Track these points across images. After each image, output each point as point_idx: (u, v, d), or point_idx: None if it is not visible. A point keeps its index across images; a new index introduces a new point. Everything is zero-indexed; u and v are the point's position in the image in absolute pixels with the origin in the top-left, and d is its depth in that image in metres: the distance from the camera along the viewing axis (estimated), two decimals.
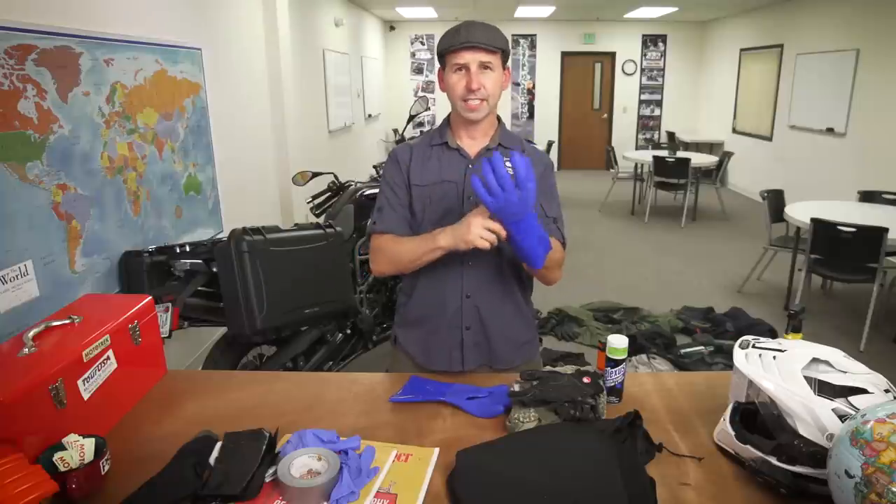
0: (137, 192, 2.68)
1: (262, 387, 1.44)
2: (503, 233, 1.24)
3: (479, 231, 1.23)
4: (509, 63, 1.44)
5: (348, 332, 2.89)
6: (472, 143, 1.47)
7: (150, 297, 1.45)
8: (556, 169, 1.47)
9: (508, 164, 1.50)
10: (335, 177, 3.49)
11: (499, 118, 1.51)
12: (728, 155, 7.59)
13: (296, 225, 2.44)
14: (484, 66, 1.36)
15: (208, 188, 3.34)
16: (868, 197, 4.82)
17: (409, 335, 1.57)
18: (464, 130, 1.46)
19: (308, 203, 3.57)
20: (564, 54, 10.41)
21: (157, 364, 1.48)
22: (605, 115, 10.69)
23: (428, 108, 3.66)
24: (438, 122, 1.56)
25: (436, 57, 1.45)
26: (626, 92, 10.52)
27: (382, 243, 1.45)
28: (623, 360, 1.31)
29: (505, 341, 1.52)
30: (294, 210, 4.62)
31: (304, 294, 2.21)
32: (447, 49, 1.36)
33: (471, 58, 1.34)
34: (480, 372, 1.51)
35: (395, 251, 1.42)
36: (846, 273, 3.88)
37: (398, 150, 1.52)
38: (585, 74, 10.55)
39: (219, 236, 3.34)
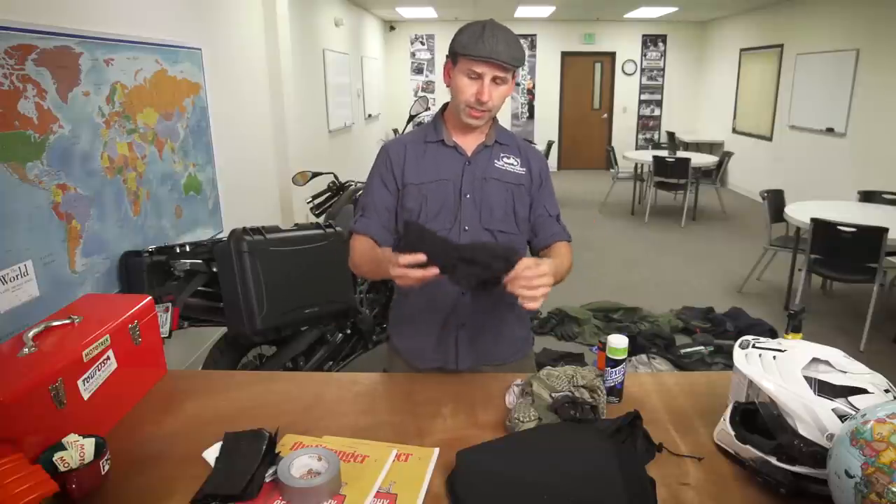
0: (137, 192, 2.68)
1: (262, 387, 1.44)
2: (419, 260, 1.12)
3: (398, 272, 1.13)
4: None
5: (348, 332, 2.89)
6: (467, 139, 1.46)
7: (150, 297, 1.45)
8: (555, 169, 1.47)
9: (509, 160, 1.49)
10: (335, 177, 3.49)
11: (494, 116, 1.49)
12: (728, 155, 7.59)
13: (296, 225, 2.44)
14: (497, 80, 1.34)
15: (208, 188, 3.34)
16: (868, 197, 4.82)
17: (403, 333, 1.57)
18: (460, 128, 1.45)
19: (308, 203, 3.57)
20: (564, 54, 10.41)
21: (157, 364, 1.48)
22: (605, 115, 10.68)
23: (428, 108, 3.65)
24: None
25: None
26: (626, 92, 10.52)
27: (356, 244, 1.44)
28: (623, 360, 1.31)
29: (500, 339, 1.52)
30: (294, 210, 4.62)
31: (304, 294, 2.20)
32: (466, 55, 1.31)
33: (488, 70, 1.31)
34: (474, 370, 1.50)
35: (359, 258, 1.41)
36: (846, 273, 3.88)
37: (390, 147, 1.48)
38: (585, 74, 10.54)
39: (219, 236, 3.34)
